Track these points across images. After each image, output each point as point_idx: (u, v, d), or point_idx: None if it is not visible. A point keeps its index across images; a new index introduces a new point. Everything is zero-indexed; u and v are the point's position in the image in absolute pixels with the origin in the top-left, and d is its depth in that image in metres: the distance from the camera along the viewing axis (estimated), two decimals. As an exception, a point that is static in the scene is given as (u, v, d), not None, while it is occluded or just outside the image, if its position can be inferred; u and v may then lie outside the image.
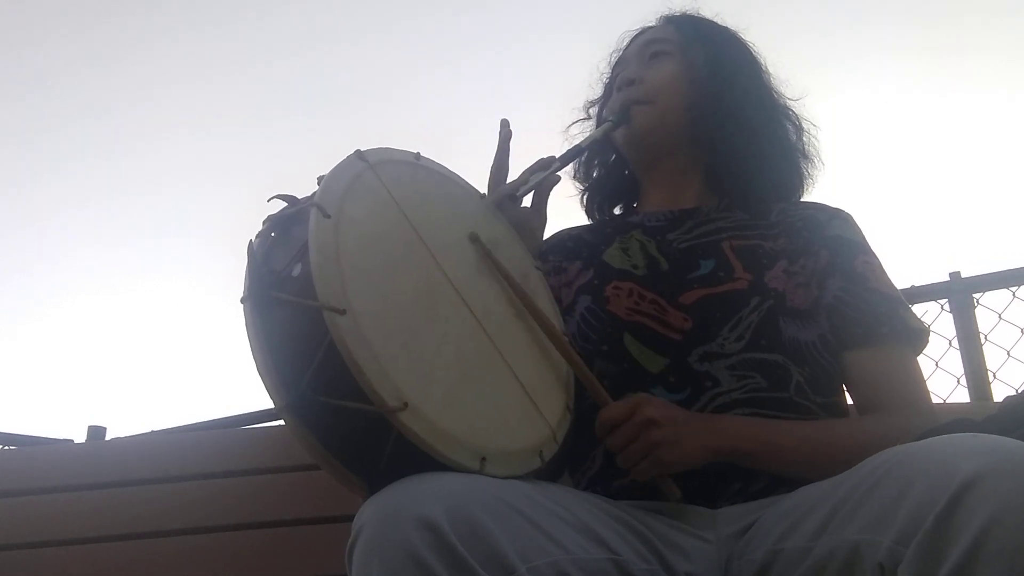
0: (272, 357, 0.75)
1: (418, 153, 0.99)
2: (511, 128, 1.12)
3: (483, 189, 1.08)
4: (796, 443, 0.92)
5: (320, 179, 0.83)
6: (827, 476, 0.81)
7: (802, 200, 1.20)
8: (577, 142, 1.18)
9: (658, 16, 1.27)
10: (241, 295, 0.79)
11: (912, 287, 1.87)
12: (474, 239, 0.97)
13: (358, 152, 0.89)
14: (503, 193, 1.08)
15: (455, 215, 0.99)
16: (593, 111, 1.30)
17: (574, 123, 1.29)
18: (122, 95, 4.25)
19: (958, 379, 1.80)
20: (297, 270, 0.76)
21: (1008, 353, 1.80)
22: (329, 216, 0.78)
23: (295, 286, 0.75)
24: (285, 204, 0.83)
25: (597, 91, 1.30)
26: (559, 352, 0.95)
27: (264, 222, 0.83)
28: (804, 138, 1.21)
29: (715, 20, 1.25)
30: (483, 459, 0.76)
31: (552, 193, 1.15)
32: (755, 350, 0.98)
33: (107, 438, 2.41)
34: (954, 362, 1.81)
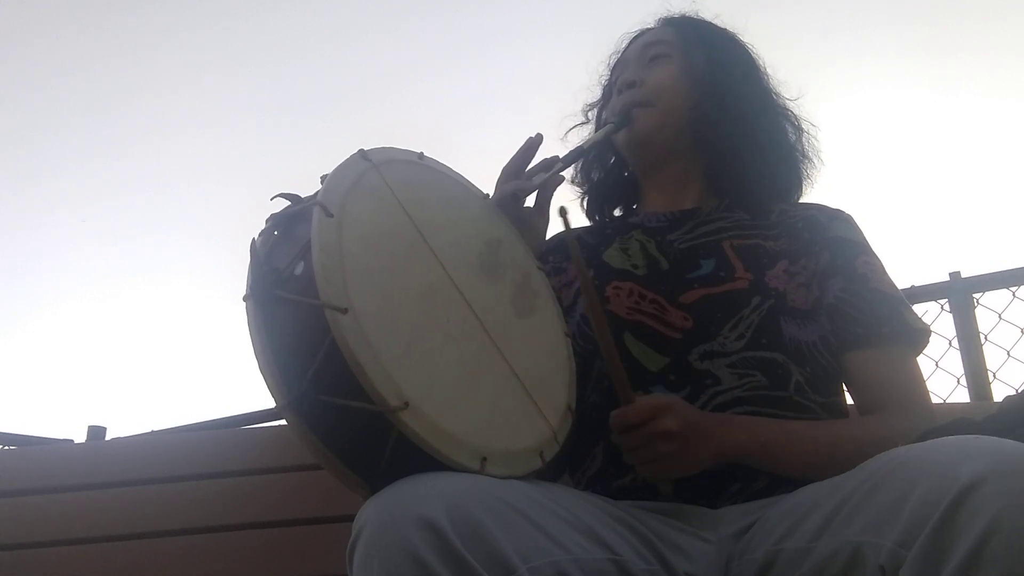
0: (274, 355, 0.75)
1: (421, 153, 0.99)
2: (540, 136, 1.13)
3: (487, 189, 1.08)
4: (799, 443, 0.93)
5: (323, 178, 0.83)
6: (828, 477, 0.81)
7: (803, 201, 1.20)
8: (577, 145, 1.18)
9: (657, 18, 1.27)
10: (243, 293, 0.79)
11: (912, 287, 1.87)
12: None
13: (361, 151, 0.89)
14: (506, 192, 1.08)
15: (458, 215, 0.99)
16: (592, 114, 1.30)
17: (573, 128, 1.30)
18: (122, 95, 4.26)
19: (958, 379, 1.81)
20: (299, 268, 0.76)
21: (1008, 353, 1.80)
22: (332, 215, 0.78)
23: (297, 285, 0.76)
24: (288, 203, 0.83)
25: (596, 93, 1.30)
26: (597, 331, 0.91)
27: (267, 220, 0.83)
28: (804, 139, 1.21)
29: (714, 22, 1.25)
30: (484, 459, 0.76)
31: (554, 193, 1.15)
32: (756, 348, 0.99)
33: (107, 438, 2.41)
34: (954, 362, 1.82)
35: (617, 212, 1.30)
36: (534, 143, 1.12)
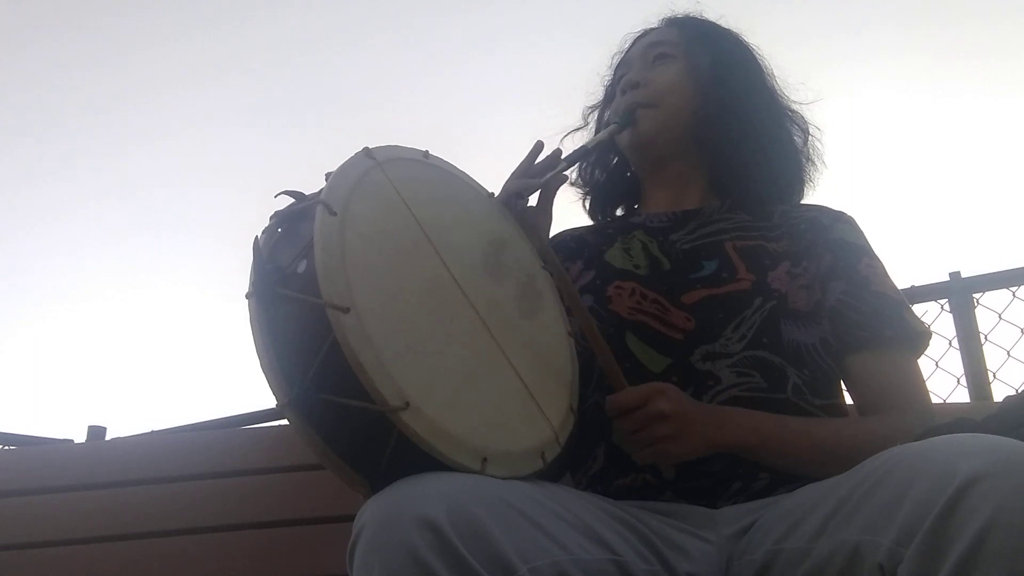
0: (276, 353, 0.75)
1: (427, 151, 0.99)
2: (540, 143, 1.14)
3: (492, 188, 1.08)
4: (798, 438, 0.93)
5: (328, 176, 0.83)
6: (827, 473, 0.81)
7: (804, 202, 1.20)
8: (580, 145, 1.18)
9: (660, 18, 1.27)
10: (246, 291, 0.78)
11: (912, 287, 1.87)
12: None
13: (366, 150, 0.89)
14: (510, 191, 1.08)
15: (462, 214, 0.99)
16: (592, 117, 1.30)
17: (574, 131, 1.29)
18: (122, 95, 4.26)
19: (958, 379, 1.81)
20: (302, 267, 0.76)
21: (1008, 353, 1.80)
22: (335, 213, 0.78)
23: (300, 283, 0.75)
24: (292, 200, 0.83)
25: (598, 95, 1.30)
26: (583, 328, 0.95)
27: (271, 218, 0.83)
28: (808, 141, 1.21)
29: (718, 22, 1.25)
30: (484, 460, 0.76)
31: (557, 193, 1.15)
32: (756, 348, 0.99)
33: (107, 438, 2.41)
34: (954, 362, 1.82)
35: (619, 212, 1.30)
36: (536, 147, 1.13)
